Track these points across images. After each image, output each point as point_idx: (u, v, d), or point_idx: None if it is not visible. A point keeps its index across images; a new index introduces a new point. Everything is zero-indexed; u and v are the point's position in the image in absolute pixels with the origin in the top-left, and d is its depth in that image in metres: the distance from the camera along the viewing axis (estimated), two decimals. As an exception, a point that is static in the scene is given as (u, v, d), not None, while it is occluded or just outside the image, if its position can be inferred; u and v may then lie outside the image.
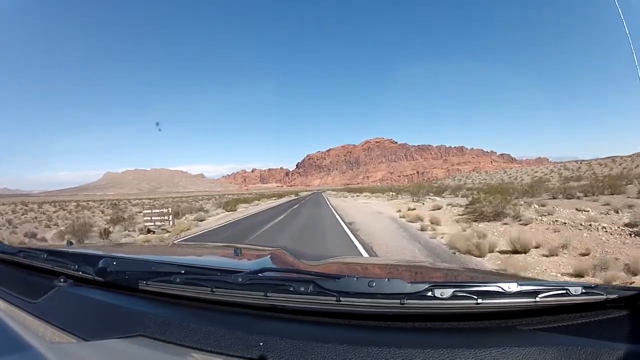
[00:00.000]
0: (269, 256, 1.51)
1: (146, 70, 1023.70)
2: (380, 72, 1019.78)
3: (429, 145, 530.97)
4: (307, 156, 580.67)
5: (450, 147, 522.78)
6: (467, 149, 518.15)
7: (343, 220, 13.70)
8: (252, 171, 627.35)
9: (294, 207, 25.55)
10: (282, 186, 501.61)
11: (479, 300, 0.75)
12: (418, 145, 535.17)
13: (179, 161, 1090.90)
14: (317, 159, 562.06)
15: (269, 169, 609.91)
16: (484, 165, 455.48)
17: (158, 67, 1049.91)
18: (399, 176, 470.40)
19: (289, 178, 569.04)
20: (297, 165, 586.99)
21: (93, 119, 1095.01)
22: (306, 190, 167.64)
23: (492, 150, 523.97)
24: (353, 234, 9.88)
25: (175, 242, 9.23)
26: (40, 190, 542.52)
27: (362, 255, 6.69)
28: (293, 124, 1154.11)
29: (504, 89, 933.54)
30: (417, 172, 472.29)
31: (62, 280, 1.06)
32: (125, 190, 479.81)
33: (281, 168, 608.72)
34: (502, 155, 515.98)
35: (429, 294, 0.76)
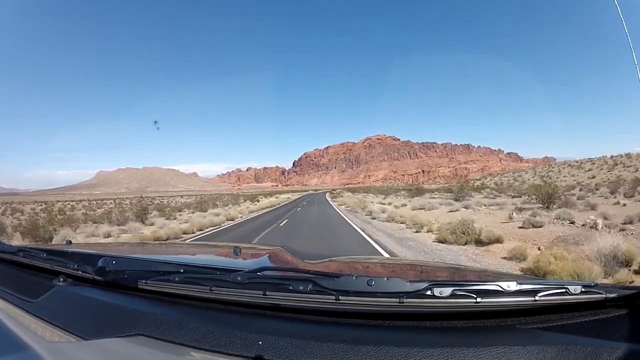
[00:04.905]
0: (268, 255, 1.53)
1: (145, 69, 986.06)
2: (380, 67, 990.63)
3: (434, 143, 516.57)
4: (304, 154, 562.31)
5: (456, 144, 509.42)
6: (473, 147, 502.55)
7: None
8: (247, 170, 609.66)
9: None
10: (277, 185, 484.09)
11: (478, 299, 0.76)
12: (422, 143, 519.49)
13: (177, 160, 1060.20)
14: (315, 157, 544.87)
15: (264, 168, 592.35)
16: (493, 164, 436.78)
17: (155, 66, 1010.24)
18: (403, 175, 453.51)
19: (284, 177, 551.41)
20: (293, 164, 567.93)
21: (90, 117, 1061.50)
22: (299, 191, 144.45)
23: (499, 149, 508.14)
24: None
25: (174, 241, 9.36)
26: (35, 189, 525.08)
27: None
28: (290, 121, 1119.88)
29: (510, 87, 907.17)
30: (422, 171, 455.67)
31: (61, 279, 1.08)
32: (114, 189, 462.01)
33: (277, 167, 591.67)
34: (509, 154, 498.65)
35: (428, 292, 0.77)
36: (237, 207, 28.30)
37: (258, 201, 40.84)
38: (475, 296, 0.76)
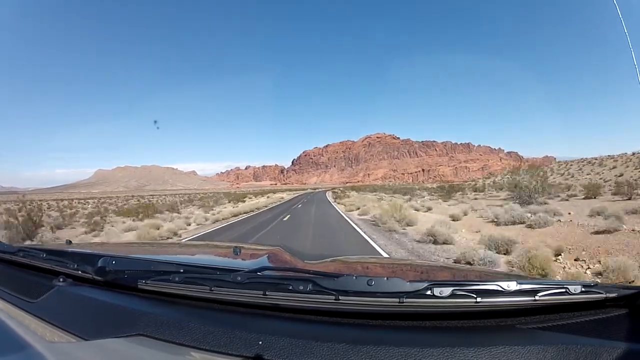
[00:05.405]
0: (268, 255, 1.53)
1: (145, 69, 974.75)
2: (380, 66, 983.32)
3: (434, 142, 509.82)
4: (303, 152, 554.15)
5: (456, 143, 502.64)
6: (473, 145, 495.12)
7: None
8: (246, 168, 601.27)
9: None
10: (276, 184, 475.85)
11: (478, 299, 0.76)
12: (422, 142, 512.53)
13: (176, 159, 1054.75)
14: (314, 156, 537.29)
15: (263, 166, 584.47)
16: (493, 163, 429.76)
17: (155, 66, 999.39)
18: (403, 174, 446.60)
19: (283, 175, 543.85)
20: (292, 162, 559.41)
21: (90, 116, 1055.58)
22: (297, 190, 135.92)
23: (499, 148, 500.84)
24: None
25: (174, 241, 9.45)
26: (34, 188, 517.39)
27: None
28: (290, 120, 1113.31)
29: (510, 87, 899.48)
30: (422, 170, 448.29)
31: (61, 279, 1.08)
32: (112, 188, 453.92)
33: (276, 165, 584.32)
34: (509, 153, 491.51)
35: (428, 292, 0.77)
36: (207, 212, 20.49)
37: (243, 202, 32.73)
38: (475, 296, 0.76)
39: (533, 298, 0.77)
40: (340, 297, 0.79)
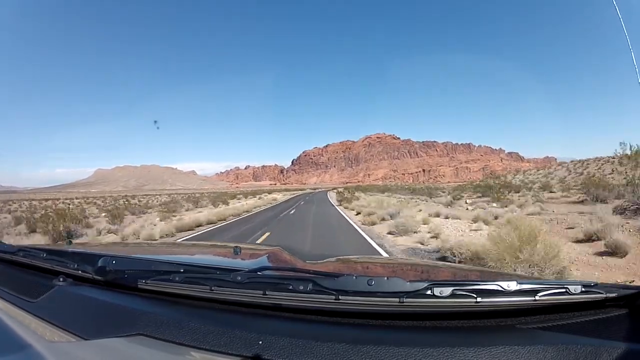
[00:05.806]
0: (268, 255, 1.53)
1: (145, 69, 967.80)
2: (380, 66, 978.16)
3: (434, 142, 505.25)
4: (303, 152, 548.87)
5: (457, 143, 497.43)
6: (474, 146, 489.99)
7: None
8: (246, 168, 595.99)
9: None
10: (275, 184, 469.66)
11: (478, 299, 0.76)
12: (422, 142, 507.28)
13: (176, 158, 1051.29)
14: (314, 156, 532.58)
15: (263, 166, 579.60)
16: (494, 163, 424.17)
17: (155, 66, 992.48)
18: (403, 174, 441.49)
19: (283, 175, 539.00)
20: (292, 162, 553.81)
21: (90, 116, 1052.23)
22: (295, 190, 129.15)
23: (500, 148, 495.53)
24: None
25: (175, 241, 9.35)
26: (33, 187, 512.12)
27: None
28: (290, 120, 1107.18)
29: (510, 87, 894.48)
30: (423, 170, 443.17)
31: (61, 279, 1.07)
32: (111, 187, 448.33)
33: (275, 165, 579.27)
34: (510, 153, 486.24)
35: (428, 292, 0.77)
36: (163, 220, 15.30)
37: (228, 204, 26.58)
38: (475, 296, 0.76)
39: (533, 298, 0.77)
40: (340, 297, 0.79)
